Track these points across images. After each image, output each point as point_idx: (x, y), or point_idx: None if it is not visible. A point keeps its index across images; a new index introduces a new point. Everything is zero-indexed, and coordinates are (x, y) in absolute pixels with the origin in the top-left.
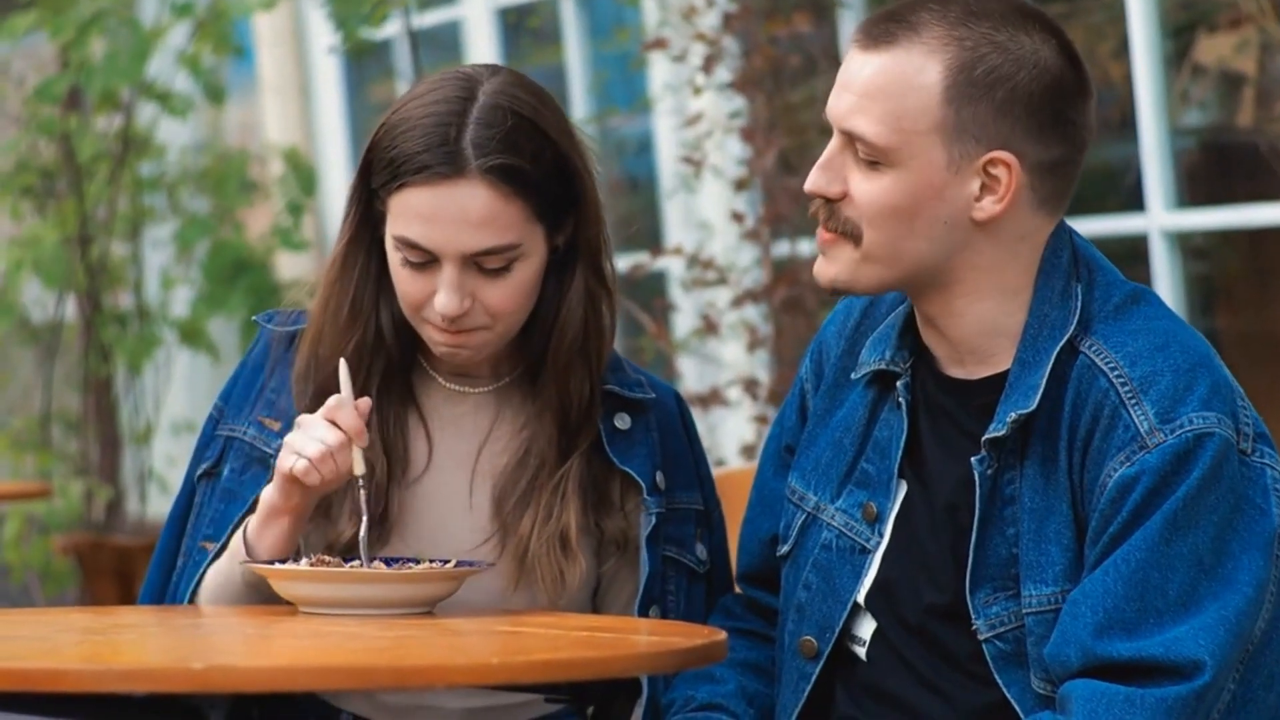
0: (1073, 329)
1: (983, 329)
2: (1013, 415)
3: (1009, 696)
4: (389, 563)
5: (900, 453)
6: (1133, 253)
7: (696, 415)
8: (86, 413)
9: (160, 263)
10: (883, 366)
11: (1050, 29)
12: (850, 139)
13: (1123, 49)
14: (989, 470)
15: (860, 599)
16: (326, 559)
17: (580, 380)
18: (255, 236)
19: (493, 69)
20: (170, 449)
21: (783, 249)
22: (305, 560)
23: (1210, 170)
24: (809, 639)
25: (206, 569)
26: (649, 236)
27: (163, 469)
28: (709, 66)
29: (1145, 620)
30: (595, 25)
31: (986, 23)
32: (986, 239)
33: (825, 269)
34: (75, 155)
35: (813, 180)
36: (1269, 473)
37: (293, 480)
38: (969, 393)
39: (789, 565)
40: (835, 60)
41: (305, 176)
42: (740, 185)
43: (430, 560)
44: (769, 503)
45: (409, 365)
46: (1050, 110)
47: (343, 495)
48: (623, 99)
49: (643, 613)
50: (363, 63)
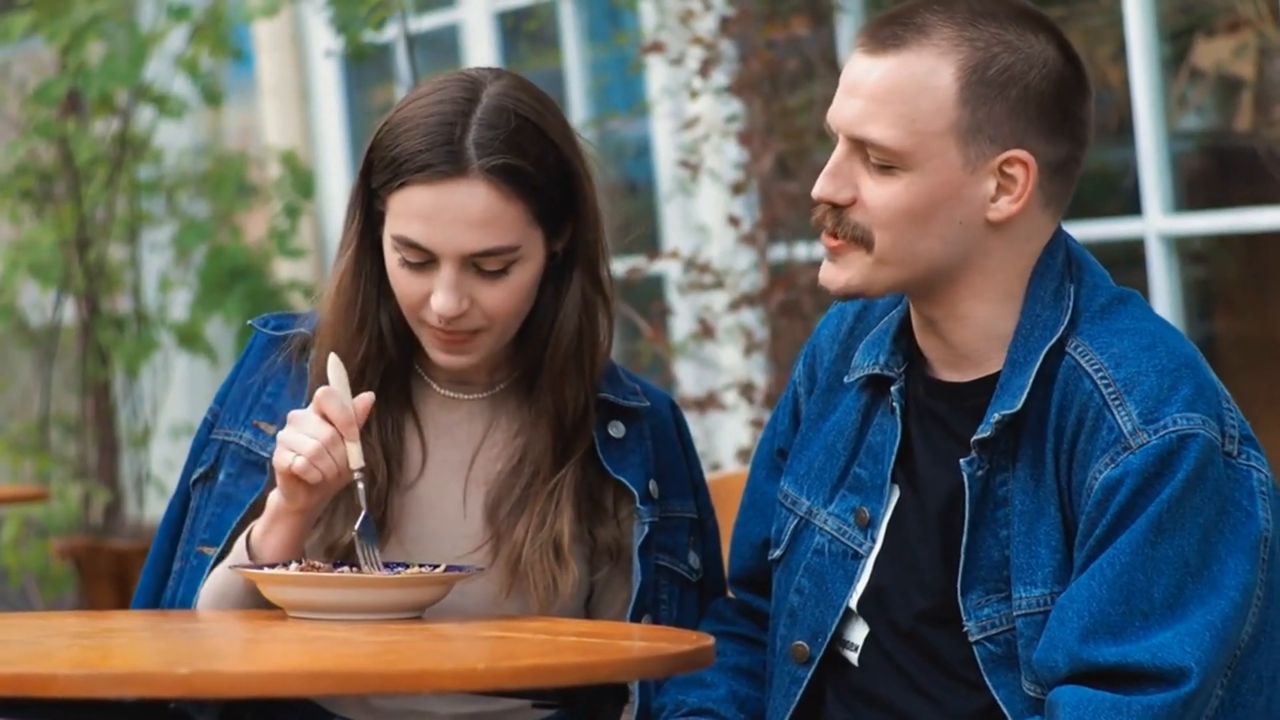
0: (1062, 330)
1: (982, 332)
2: (997, 416)
3: (998, 699)
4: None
5: (893, 458)
6: (1130, 257)
7: (693, 419)
8: (85, 416)
9: (159, 266)
10: (876, 371)
11: (1051, 29)
12: (858, 144)
13: (1121, 53)
14: (979, 472)
15: (853, 604)
16: (317, 564)
17: (575, 387)
18: (253, 240)
19: (496, 72)
20: (168, 452)
21: (779, 253)
22: (295, 565)
23: (1208, 174)
24: (801, 644)
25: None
26: (647, 240)
27: (161, 472)
28: (706, 70)
29: (1131, 624)
30: (593, 29)
31: (994, 23)
32: (998, 239)
33: (836, 275)
34: (73, 158)
35: (821, 187)
36: (1255, 475)
37: (294, 479)
38: (961, 395)
39: (781, 570)
40: (833, 64)
41: (302, 180)
42: (737, 189)
43: (420, 565)
44: (761, 506)
45: (406, 371)
46: (1059, 109)
47: (337, 500)
48: (621, 102)
49: (634, 621)
50: (362, 67)
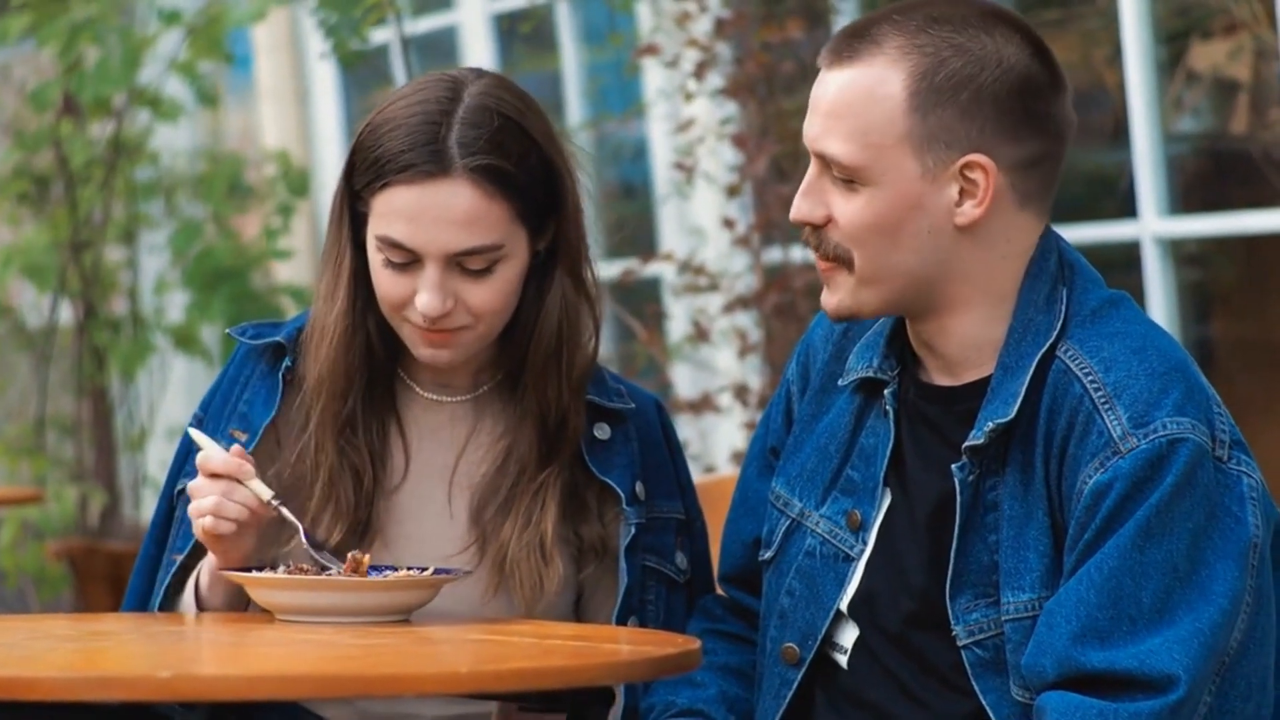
0: (1055, 334)
1: (972, 339)
2: (990, 425)
3: (985, 704)
4: (370, 571)
5: (886, 461)
6: (1125, 260)
7: (688, 421)
8: (81, 418)
9: (155, 269)
10: (870, 374)
11: (1014, 26)
12: (825, 161)
13: (1116, 55)
14: (970, 477)
15: (843, 607)
16: (304, 567)
17: (556, 386)
18: (249, 241)
19: (478, 72)
20: (165, 454)
21: (774, 255)
22: (282, 569)
23: (1204, 177)
24: (791, 646)
25: (167, 587)
26: (644, 242)
27: (157, 474)
28: (701, 73)
29: (1119, 629)
30: (589, 31)
31: (947, 27)
32: (973, 244)
33: (829, 299)
34: (69, 161)
35: (796, 208)
36: (1245, 480)
37: (215, 539)
38: (952, 399)
39: (772, 571)
40: None
41: (295, 180)
42: (732, 191)
43: (407, 568)
44: (752, 505)
45: (391, 374)
46: (1020, 107)
47: (325, 500)
48: (617, 104)
49: (621, 622)
50: (360, 69)
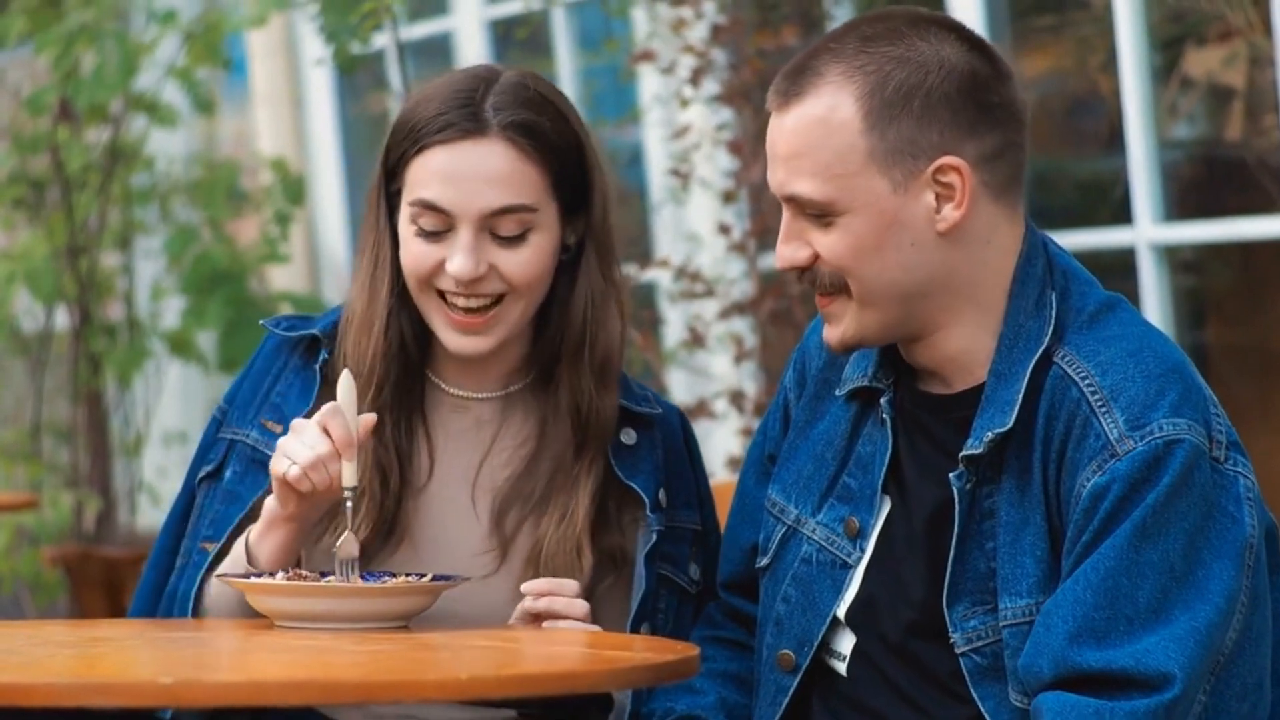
0: (1048, 340)
1: (964, 348)
2: (989, 435)
3: (984, 711)
4: (367, 577)
5: (884, 469)
6: (1120, 266)
7: None
8: (77, 424)
9: (151, 274)
10: (866, 383)
11: (946, 26)
12: (797, 204)
13: (1111, 62)
14: (967, 486)
15: (840, 614)
16: (303, 573)
17: (586, 378)
18: (245, 247)
19: (512, 67)
20: (161, 460)
21: (770, 261)
22: (281, 574)
23: (1198, 183)
24: (787, 652)
25: (208, 572)
26: (640, 248)
27: (153, 480)
28: (697, 79)
29: (1115, 628)
30: (585, 37)
31: (882, 43)
32: (957, 248)
33: (832, 332)
34: (64, 167)
35: (781, 257)
36: (1241, 481)
37: (286, 486)
38: (946, 407)
39: (768, 577)
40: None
41: (292, 187)
42: (728, 197)
43: (407, 574)
44: (750, 511)
45: (420, 373)
46: (971, 103)
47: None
48: (612, 110)
49: (634, 629)
50: (355, 75)
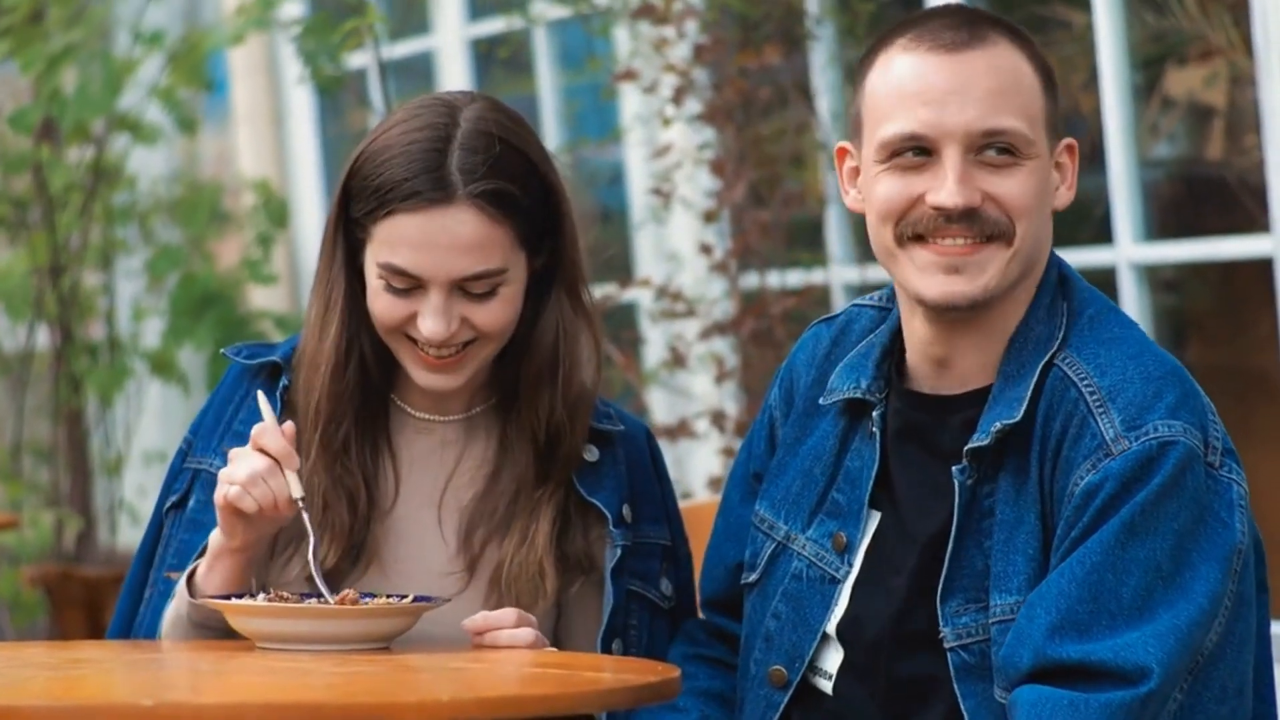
0: (1056, 345)
1: (998, 345)
2: (997, 425)
3: (964, 709)
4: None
5: (871, 483)
6: (1101, 285)
7: (664, 447)
8: (57, 443)
9: (132, 293)
10: (857, 395)
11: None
12: (976, 144)
13: (1092, 81)
14: (969, 481)
15: (830, 629)
16: (284, 595)
17: (549, 404)
18: (226, 268)
19: (469, 95)
20: (141, 480)
21: (751, 281)
22: (262, 596)
23: (1179, 203)
24: (779, 668)
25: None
26: (621, 268)
27: (134, 500)
28: (679, 98)
29: (1098, 622)
30: (566, 55)
31: (1009, 28)
32: (1048, 230)
33: (973, 281)
34: (47, 186)
35: (961, 196)
36: (1235, 488)
37: (231, 511)
38: (951, 408)
39: (756, 594)
40: (805, 92)
41: (276, 209)
42: (709, 217)
43: (388, 595)
44: (735, 530)
45: (384, 396)
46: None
47: (322, 525)
48: (594, 129)
49: (605, 645)
50: (336, 93)
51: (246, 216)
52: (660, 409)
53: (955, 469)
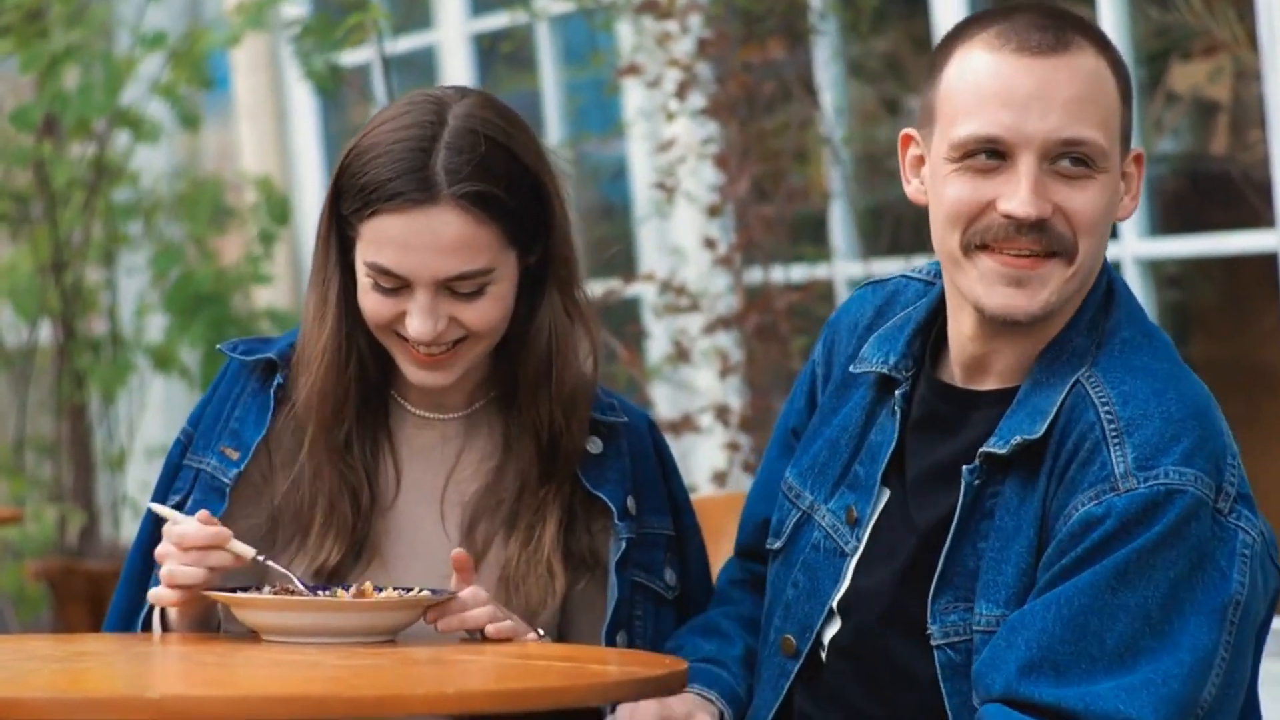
0: (1088, 363)
1: (1030, 352)
2: (1018, 439)
3: (948, 708)
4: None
5: (887, 460)
6: None
7: (668, 442)
8: (61, 438)
9: (135, 288)
10: (885, 371)
11: None
12: (1053, 153)
13: None
14: (976, 481)
15: (834, 603)
16: (290, 588)
17: (548, 403)
18: (229, 264)
19: (461, 91)
20: (144, 475)
21: (755, 275)
22: (268, 589)
23: (1184, 198)
24: (789, 637)
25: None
26: (624, 262)
27: (136, 495)
28: (683, 92)
29: (1077, 665)
30: (570, 50)
31: (1094, 30)
32: (1106, 245)
33: (1034, 296)
34: (49, 182)
35: (1036, 206)
36: (1240, 536)
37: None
38: (976, 403)
39: (780, 562)
40: (809, 87)
41: (277, 206)
42: (713, 212)
43: (394, 589)
44: (772, 486)
45: (383, 393)
46: None
47: (325, 523)
48: (597, 124)
49: (610, 638)
50: (338, 89)
51: (249, 212)
52: (664, 404)
53: (965, 468)
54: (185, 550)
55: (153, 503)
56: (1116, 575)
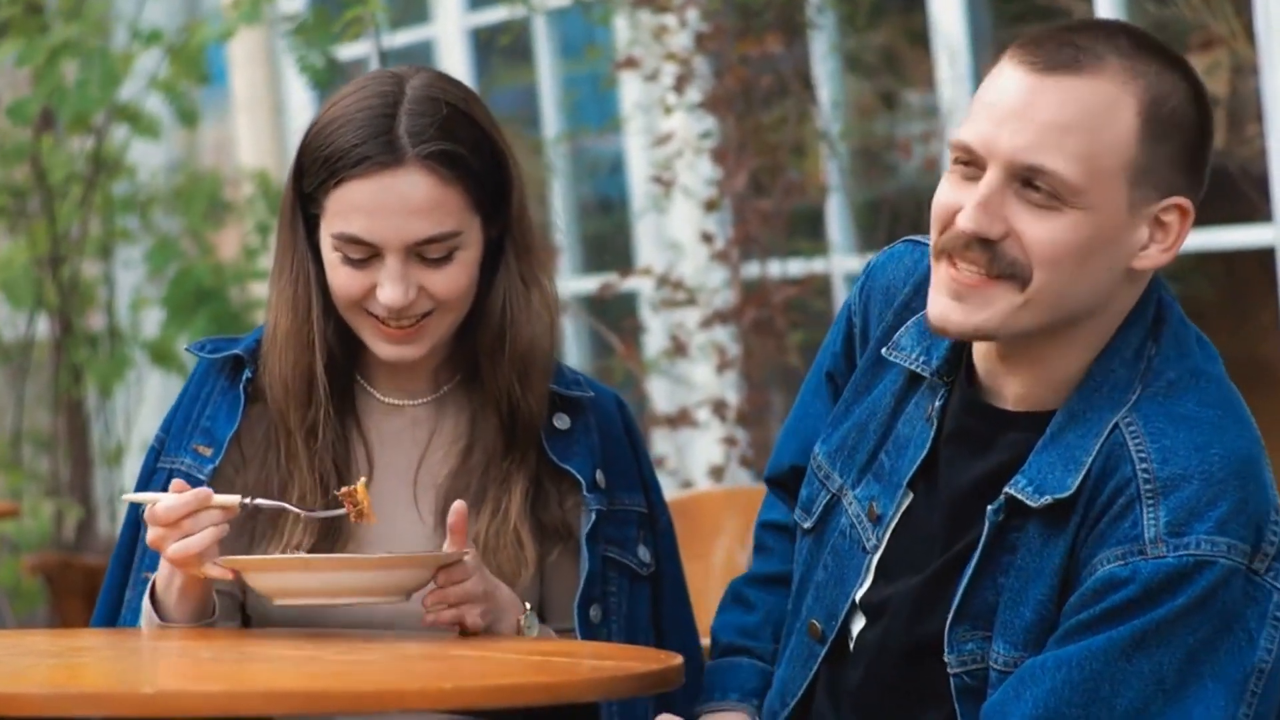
0: (1130, 403)
1: (1056, 379)
2: (1049, 498)
3: None
4: None
5: (917, 465)
6: None
7: (665, 436)
8: (58, 432)
9: (132, 283)
10: (923, 371)
11: (1188, 68)
12: (1018, 174)
13: None
14: (999, 518)
15: (858, 598)
16: (301, 552)
17: (506, 372)
18: (226, 258)
19: (416, 68)
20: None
21: (753, 270)
22: (276, 551)
23: None
24: (815, 622)
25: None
26: (621, 256)
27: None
28: (680, 86)
29: None
30: (567, 44)
31: (1155, 56)
32: (1128, 289)
33: (968, 316)
34: (47, 176)
35: (975, 221)
36: (1275, 598)
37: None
38: (1004, 424)
39: (813, 539)
40: (806, 81)
41: (275, 201)
42: (710, 206)
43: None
44: (801, 426)
45: (349, 380)
46: (1205, 154)
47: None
48: (594, 118)
49: (583, 611)
50: (337, 82)
51: (246, 205)
52: (661, 398)
53: (990, 508)
54: (175, 523)
55: (127, 497)
56: (1133, 642)
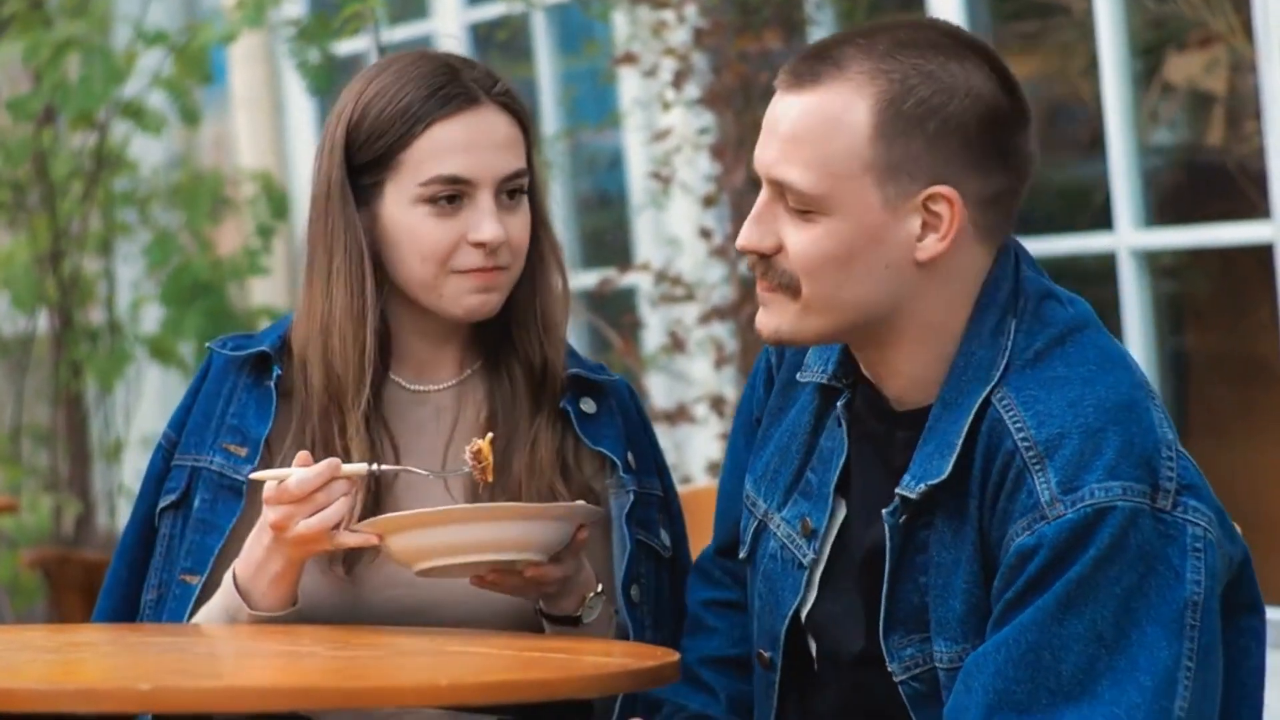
0: (997, 376)
1: (918, 376)
2: (923, 486)
3: None
4: None
5: (838, 472)
6: (1101, 272)
7: (663, 432)
8: (57, 427)
9: (132, 278)
10: (825, 380)
11: (983, 55)
12: (780, 189)
13: (1092, 67)
14: (901, 520)
15: (804, 617)
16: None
17: (537, 330)
18: (225, 256)
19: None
20: (140, 464)
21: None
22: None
23: (1179, 189)
24: (762, 652)
25: (196, 605)
26: (620, 252)
27: (133, 484)
28: (678, 82)
29: (1037, 701)
30: (565, 39)
31: (914, 53)
32: (930, 280)
33: (766, 321)
34: (48, 171)
35: (745, 236)
36: (1190, 530)
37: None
38: (895, 422)
39: (750, 569)
40: None
41: (276, 200)
42: (709, 202)
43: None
44: (737, 483)
45: (381, 373)
46: (988, 139)
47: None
48: (593, 114)
49: (625, 591)
50: (336, 79)
51: (247, 204)
52: (659, 394)
53: (885, 511)
54: (308, 497)
55: (256, 475)
56: (1060, 606)
